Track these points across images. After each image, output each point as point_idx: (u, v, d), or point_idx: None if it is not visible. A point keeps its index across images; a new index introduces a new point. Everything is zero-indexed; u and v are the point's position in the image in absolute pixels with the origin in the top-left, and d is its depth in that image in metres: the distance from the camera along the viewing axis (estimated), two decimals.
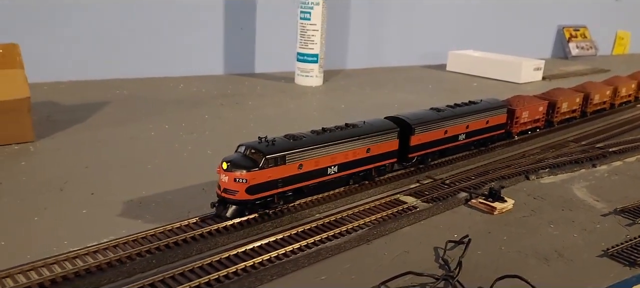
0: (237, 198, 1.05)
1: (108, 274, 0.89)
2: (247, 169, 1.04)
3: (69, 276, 0.87)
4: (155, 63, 2.58)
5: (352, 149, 1.23)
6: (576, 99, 2.06)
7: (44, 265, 0.88)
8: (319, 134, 1.19)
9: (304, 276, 0.95)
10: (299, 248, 1.01)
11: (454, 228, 1.16)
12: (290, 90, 2.52)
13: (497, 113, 1.67)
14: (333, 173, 1.21)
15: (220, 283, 0.88)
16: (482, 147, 1.68)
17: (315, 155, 1.15)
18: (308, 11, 2.51)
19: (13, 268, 0.87)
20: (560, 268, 1.01)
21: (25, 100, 1.50)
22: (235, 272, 0.91)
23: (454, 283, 0.93)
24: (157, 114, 1.94)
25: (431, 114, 1.48)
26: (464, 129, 1.56)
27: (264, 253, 0.97)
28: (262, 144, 1.09)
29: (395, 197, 1.27)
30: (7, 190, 1.22)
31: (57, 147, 1.53)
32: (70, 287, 0.85)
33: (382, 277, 0.94)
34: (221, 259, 0.94)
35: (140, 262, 0.93)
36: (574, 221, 1.23)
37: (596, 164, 1.63)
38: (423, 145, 1.44)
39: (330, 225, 1.11)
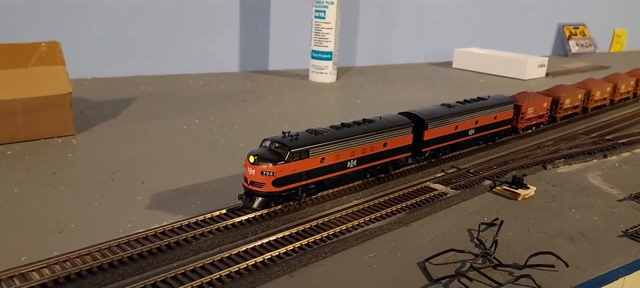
0: (264, 191, 1.09)
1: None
2: (273, 162, 1.08)
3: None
4: (173, 61, 2.65)
5: (371, 143, 1.28)
6: (578, 96, 2.12)
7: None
8: (338, 129, 1.23)
9: (353, 253, 1.03)
10: (346, 229, 1.09)
11: (482, 213, 1.24)
12: (306, 86, 2.60)
13: (504, 109, 1.72)
14: (352, 167, 1.25)
15: (288, 256, 0.96)
16: (489, 141, 1.72)
17: (336, 149, 1.20)
18: (323, 10, 2.59)
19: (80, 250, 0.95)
20: (585, 247, 1.10)
21: (67, 95, 1.57)
22: (293, 249, 1.00)
23: (491, 259, 1.02)
24: (184, 109, 2.02)
25: (443, 110, 1.53)
26: (474, 124, 1.61)
27: (314, 234, 1.05)
28: (286, 139, 1.13)
29: (425, 184, 1.36)
30: (62, 180, 1.30)
31: (96, 140, 1.61)
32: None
33: (424, 255, 1.02)
34: (277, 238, 1.02)
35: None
36: (592, 206, 1.32)
37: (607, 155, 1.72)
38: (436, 140, 1.49)
39: (370, 209, 1.19)
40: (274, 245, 1.00)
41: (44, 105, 1.53)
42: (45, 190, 1.23)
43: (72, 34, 2.34)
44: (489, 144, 1.73)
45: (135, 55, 2.54)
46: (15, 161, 1.39)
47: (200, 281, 0.87)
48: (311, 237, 1.04)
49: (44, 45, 1.57)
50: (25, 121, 1.51)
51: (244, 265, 0.93)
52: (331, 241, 1.04)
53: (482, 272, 0.96)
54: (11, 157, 1.42)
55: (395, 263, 1.00)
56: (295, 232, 1.06)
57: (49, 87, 1.55)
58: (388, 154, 1.34)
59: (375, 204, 1.21)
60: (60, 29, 2.30)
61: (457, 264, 1.00)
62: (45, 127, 1.55)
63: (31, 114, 1.51)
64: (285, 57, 2.99)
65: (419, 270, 0.98)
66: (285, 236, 1.04)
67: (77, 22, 2.36)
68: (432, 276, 0.95)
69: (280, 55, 2.99)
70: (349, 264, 0.99)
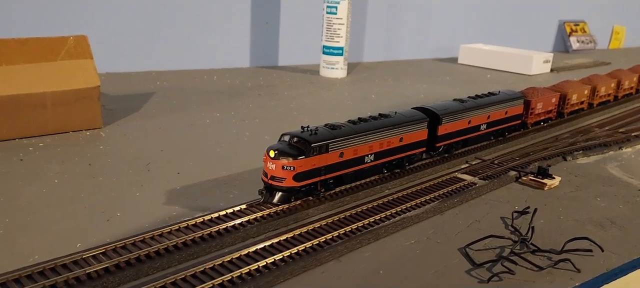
0: (284, 185, 1.08)
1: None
2: (294, 157, 1.08)
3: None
4: (186, 56, 2.67)
5: (387, 138, 1.27)
6: (585, 91, 2.14)
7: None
8: (356, 124, 1.23)
9: (395, 240, 1.06)
10: (385, 217, 1.12)
11: (512, 202, 1.28)
12: (318, 81, 2.62)
13: (514, 104, 1.72)
14: (369, 162, 1.25)
15: (334, 242, 0.99)
16: (500, 137, 1.73)
17: (355, 144, 1.19)
18: (335, 6, 2.61)
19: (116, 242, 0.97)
20: (616, 233, 1.14)
21: (95, 88, 1.59)
22: (339, 235, 1.02)
23: (529, 244, 1.05)
24: (203, 103, 2.04)
25: (456, 105, 1.53)
26: (486, 119, 1.61)
27: (358, 221, 1.08)
28: (306, 133, 1.12)
29: (453, 175, 1.39)
30: (99, 171, 1.32)
31: (124, 133, 1.63)
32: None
33: (463, 241, 1.06)
34: (321, 225, 1.05)
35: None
36: (616, 195, 1.36)
37: (622, 147, 1.77)
38: (450, 135, 1.49)
39: (407, 197, 1.22)
40: (320, 232, 1.03)
41: (73, 98, 1.55)
42: (85, 181, 1.25)
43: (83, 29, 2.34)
44: (509, 136, 1.76)
45: (147, 50, 2.56)
46: (49, 153, 1.41)
47: (257, 264, 0.90)
48: (353, 224, 1.07)
49: (72, 39, 1.59)
50: (55, 114, 1.53)
51: (295, 250, 0.96)
52: (373, 228, 1.07)
53: (522, 257, 1.00)
54: (45, 149, 1.43)
55: (437, 249, 1.03)
56: (337, 219, 1.09)
57: (78, 80, 1.56)
58: (404, 149, 1.34)
59: (409, 193, 1.24)
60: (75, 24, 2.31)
61: (496, 250, 1.04)
62: (74, 120, 1.57)
63: (61, 107, 1.53)
64: (295, 53, 3.02)
65: (461, 255, 1.01)
66: (328, 223, 1.07)
67: (89, 16, 2.37)
68: (475, 261, 0.99)
69: (290, 51, 3.01)
70: (392, 250, 1.02)
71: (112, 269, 0.87)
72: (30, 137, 1.50)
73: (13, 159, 1.35)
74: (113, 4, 2.42)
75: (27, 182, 1.22)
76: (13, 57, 1.49)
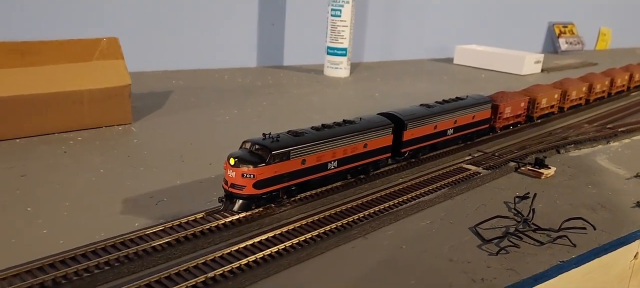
0: (244, 193, 1.08)
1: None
2: (254, 165, 1.07)
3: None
4: (197, 56, 2.79)
5: (351, 144, 1.27)
6: (555, 95, 2.14)
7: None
8: (319, 130, 1.23)
9: (413, 221, 1.19)
10: (402, 201, 1.26)
11: (513, 188, 1.42)
12: (323, 80, 2.76)
13: (482, 108, 1.73)
14: (333, 168, 1.25)
15: (361, 221, 1.13)
16: (468, 141, 1.74)
17: (317, 151, 1.19)
18: (339, 9, 2.75)
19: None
20: (606, 216, 1.29)
21: (127, 87, 1.71)
22: (364, 216, 1.16)
23: (530, 224, 1.19)
24: (219, 101, 2.16)
25: (422, 110, 1.53)
26: (452, 124, 1.62)
27: (379, 204, 1.22)
28: (267, 140, 1.12)
29: (459, 165, 1.54)
30: (138, 162, 1.44)
31: (153, 128, 1.75)
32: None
33: (473, 221, 1.20)
34: (347, 208, 1.19)
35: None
36: (605, 183, 1.51)
37: (610, 141, 1.92)
38: (415, 140, 1.49)
39: (419, 185, 1.36)
40: (347, 213, 1.17)
41: (106, 95, 1.67)
42: (127, 171, 1.37)
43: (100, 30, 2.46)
44: (507, 132, 1.91)
45: (161, 51, 2.67)
46: (88, 146, 1.53)
47: (297, 239, 1.04)
48: (376, 207, 1.20)
49: (105, 40, 1.71)
50: (91, 110, 1.65)
51: (328, 229, 1.09)
52: (393, 210, 1.21)
53: (526, 234, 1.14)
54: (83, 143, 1.56)
55: (451, 228, 1.17)
56: (360, 203, 1.22)
57: (111, 79, 1.68)
58: (368, 155, 1.34)
59: (421, 181, 1.39)
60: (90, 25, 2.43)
61: (502, 228, 1.18)
62: (107, 115, 1.69)
63: (96, 104, 1.65)
64: (298, 53, 3.15)
65: (472, 233, 1.15)
66: (353, 207, 1.21)
67: (104, 18, 2.48)
68: (484, 237, 1.13)
69: (295, 51, 3.14)
70: (411, 229, 1.16)
71: (173, 243, 1.00)
72: (69, 131, 1.62)
73: (57, 152, 1.47)
74: (129, 7, 2.54)
75: (76, 172, 1.35)
76: (53, 58, 1.61)
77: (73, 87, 1.61)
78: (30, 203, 1.15)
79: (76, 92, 1.61)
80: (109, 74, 1.69)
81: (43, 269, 0.88)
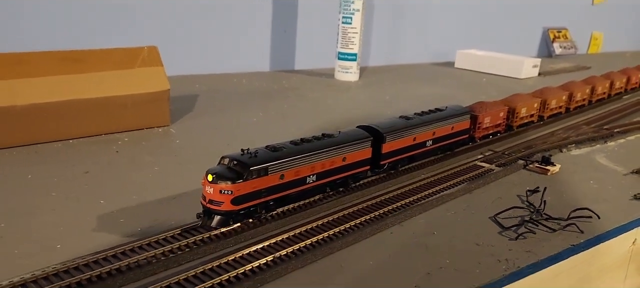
0: (222, 209, 1.09)
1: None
2: (232, 181, 1.08)
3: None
4: (215, 61, 2.93)
5: (330, 158, 1.29)
6: (534, 104, 2.16)
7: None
8: (298, 144, 1.24)
9: (439, 211, 1.35)
10: (428, 194, 1.41)
11: (524, 184, 1.58)
12: (334, 84, 2.91)
13: (461, 119, 1.75)
14: (312, 182, 1.26)
15: (396, 211, 1.28)
16: (447, 151, 1.76)
17: (296, 166, 1.20)
18: (350, 16, 2.91)
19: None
20: (608, 207, 1.45)
21: (166, 91, 1.85)
22: (397, 207, 1.31)
23: (542, 213, 1.35)
24: (243, 103, 2.31)
25: (401, 122, 1.55)
26: (431, 135, 1.64)
27: (409, 196, 1.37)
28: (245, 156, 1.13)
29: (474, 163, 1.70)
30: (185, 160, 1.58)
31: (189, 129, 1.89)
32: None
33: (492, 212, 1.35)
34: (383, 199, 1.34)
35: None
36: (605, 179, 1.67)
37: (607, 141, 2.09)
38: (394, 152, 1.51)
39: (441, 180, 1.52)
40: (383, 205, 1.32)
41: (148, 99, 1.81)
42: (178, 167, 1.52)
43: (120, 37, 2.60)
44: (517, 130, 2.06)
45: (182, 56, 2.81)
46: (136, 146, 1.67)
47: (339, 228, 1.19)
48: (407, 199, 1.36)
49: (146, 49, 1.85)
50: (134, 113, 1.79)
51: (368, 218, 1.24)
52: (421, 202, 1.36)
53: (539, 222, 1.30)
54: (130, 143, 1.70)
55: (473, 218, 1.33)
56: (392, 196, 1.38)
57: (152, 84, 1.82)
58: (347, 168, 1.35)
59: (442, 177, 1.54)
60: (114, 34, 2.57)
61: (518, 218, 1.33)
62: (148, 118, 1.83)
63: (138, 107, 1.79)
64: (309, 58, 3.30)
65: (492, 222, 1.31)
66: (387, 198, 1.36)
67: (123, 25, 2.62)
68: (503, 225, 1.28)
69: (306, 56, 3.30)
70: (439, 218, 1.31)
71: None
72: (115, 132, 1.76)
73: (109, 151, 1.61)
74: (153, 17, 2.68)
75: (132, 169, 1.49)
76: (100, 65, 1.75)
77: (118, 92, 1.74)
78: (101, 197, 1.29)
79: (121, 97, 1.75)
80: (150, 80, 1.83)
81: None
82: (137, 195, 1.31)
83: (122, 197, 1.29)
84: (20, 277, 0.90)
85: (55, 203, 1.25)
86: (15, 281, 0.89)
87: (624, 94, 3.05)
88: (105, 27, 2.55)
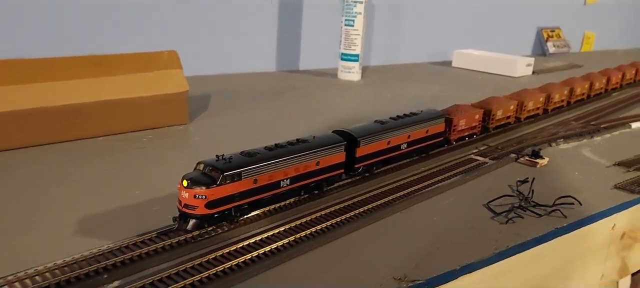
0: (197, 213, 1.13)
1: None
2: (206, 186, 1.12)
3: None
4: (222, 62, 3.08)
5: (303, 163, 1.33)
6: (510, 106, 2.22)
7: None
8: (272, 150, 1.28)
9: (438, 200, 1.50)
10: (428, 185, 1.56)
11: (514, 175, 1.73)
12: (338, 83, 3.07)
13: (435, 123, 1.80)
14: (286, 186, 1.30)
15: (400, 199, 1.43)
16: (423, 154, 1.82)
17: (269, 170, 1.24)
18: (352, 19, 3.06)
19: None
20: (591, 195, 1.59)
21: (185, 92, 2.00)
22: (402, 195, 1.47)
23: (530, 201, 1.51)
24: (254, 102, 2.46)
25: (375, 127, 1.59)
26: (406, 139, 1.68)
27: (411, 187, 1.53)
28: (219, 162, 1.18)
29: (469, 157, 1.85)
30: (205, 154, 1.68)
31: (207, 127, 2.04)
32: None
33: (484, 200, 1.50)
34: (390, 188, 1.49)
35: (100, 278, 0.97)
36: (589, 171, 1.82)
37: (593, 136, 2.25)
38: (368, 156, 1.56)
39: (438, 173, 1.67)
40: (392, 191, 1.47)
41: (169, 100, 1.96)
42: None
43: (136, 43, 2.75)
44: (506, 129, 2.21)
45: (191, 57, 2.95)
46: (159, 143, 1.82)
47: (359, 209, 1.34)
48: (410, 188, 1.51)
49: (166, 53, 2.00)
50: (155, 113, 1.93)
51: (381, 202, 1.39)
52: (422, 191, 1.52)
53: (527, 209, 1.46)
54: (153, 140, 1.85)
55: (468, 205, 1.48)
56: (394, 187, 1.53)
57: (172, 85, 1.97)
58: (321, 172, 1.39)
59: (439, 170, 1.70)
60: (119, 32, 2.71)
61: (508, 205, 1.48)
62: (169, 117, 1.98)
63: (160, 107, 1.94)
64: (312, 58, 3.45)
65: (485, 209, 1.46)
66: (390, 189, 1.51)
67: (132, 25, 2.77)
68: (495, 211, 1.44)
69: (309, 57, 3.45)
70: (438, 206, 1.47)
71: None
72: (138, 130, 1.91)
73: (133, 149, 1.76)
74: (166, 20, 2.83)
75: (160, 163, 1.64)
76: (125, 68, 1.89)
77: (142, 93, 1.89)
78: (137, 187, 1.44)
79: (144, 98, 1.89)
80: (170, 82, 1.98)
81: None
82: (166, 186, 1.46)
83: (153, 187, 1.44)
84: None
85: (95, 193, 1.40)
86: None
87: (603, 94, 3.11)
88: (118, 34, 2.69)
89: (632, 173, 1.81)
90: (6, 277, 0.97)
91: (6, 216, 1.25)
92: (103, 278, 0.98)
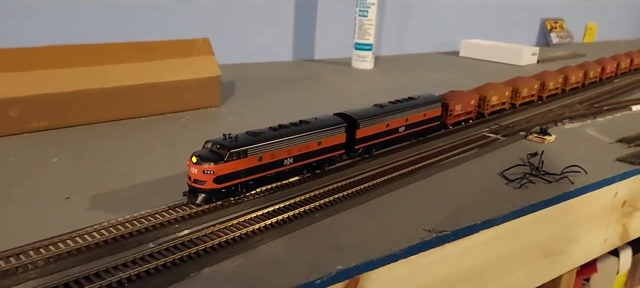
0: (205, 188, 1.19)
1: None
2: (214, 162, 1.18)
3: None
4: (242, 51, 3.24)
5: (306, 143, 1.39)
6: (505, 93, 2.28)
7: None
8: (276, 130, 1.34)
9: (457, 170, 1.65)
10: (446, 157, 1.72)
11: (525, 150, 1.88)
12: (353, 71, 3.22)
13: (432, 107, 1.86)
14: (289, 164, 1.35)
15: (420, 170, 1.59)
16: (420, 137, 1.89)
17: (274, 149, 1.30)
18: (366, 10, 3.21)
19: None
20: (595, 167, 1.74)
21: (218, 77, 2.16)
22: (422, 166, 1.63)
23: (541, 170, 1.66)
24: (276, 88, 2.62)
25: (375, 110, 1.66)
26: (404, 122, 1.74)
27: (429, 159, 1.69)
28: (227, 140, 1.23)
29: (482, 134, 2.01)
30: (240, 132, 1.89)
31: (238, 110, 2.20)
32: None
33: (498, 170, 1.66)
34: (411, 160, 1.65)
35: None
36: (594, 146, 1.98)
37: (596, 117, 2.40)
38: (368, 138, 1.62)
39: (455, 147, 1.82)
40: (417, 161, 1.63)
41: (203, 83, 2.12)
42: None
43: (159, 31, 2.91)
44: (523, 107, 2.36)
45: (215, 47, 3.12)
46: (198, 122, 1.98)
47: (360, 187, 1.50)
48: (430, 160, 1.67)
49: (200, 40, 2.15)
50: (191, 95, 2.09)
51: (394, 175, 1.55)
52: (440, 163, 1.67)
53: (538, 176, 1.61)
54: (192, 120, 2.00)
55: (484, 174, 1.64)
56: (414, 159, 1.69)
57: (206, 70, 2.13)
58: (322, 152, 1.45)
59: (456, 144, 1.85)
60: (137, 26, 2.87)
61: (520, 174, 1.64)
62: (203, 99, 2.14)
63: (195, 90, 2.10)
64: (326, 48, 3.61)
65: (499, 177, 1.62)
66: (416, 158, 1.67)
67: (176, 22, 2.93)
68: (509, 178, 1.60)
69: (324, 46, 3.61)
70: (457, 175, 1.62)
71: None
72: (177, 111, 2.07)
73: (176, 127, 1.92)
74: (191, 13, 2.98)
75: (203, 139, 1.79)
76: (165, 54, 2.05)
77: (180, 77, 2.05)
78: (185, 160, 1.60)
79: (182, 81, 2.05)
80: (204, 66, 2.13)
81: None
82: None
83: None
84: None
85: (152, 162, 1.56)
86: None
87: (598, 82, 3.20)
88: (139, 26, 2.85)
89: (633, 148, 1.97)
90: (101, 222, 1.13)
91: (86, 180, 1.41)
92: (175, 227, 1.14)
